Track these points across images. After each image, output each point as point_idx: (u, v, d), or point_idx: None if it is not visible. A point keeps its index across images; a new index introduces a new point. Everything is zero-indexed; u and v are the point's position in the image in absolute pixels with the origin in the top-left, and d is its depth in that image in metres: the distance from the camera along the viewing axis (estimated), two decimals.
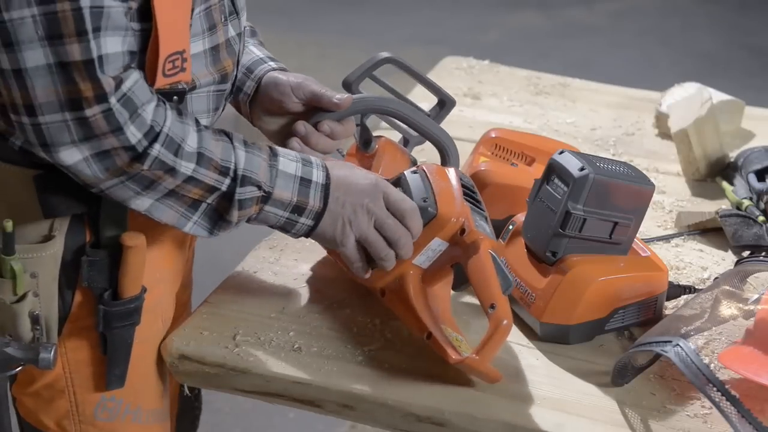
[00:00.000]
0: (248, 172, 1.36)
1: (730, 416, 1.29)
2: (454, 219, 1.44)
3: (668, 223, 1.83)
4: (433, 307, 1.46)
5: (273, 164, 1.38)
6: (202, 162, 1.33)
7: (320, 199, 1.40)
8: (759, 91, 3.39)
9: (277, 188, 1.38)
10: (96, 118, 1.26)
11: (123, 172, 1.30)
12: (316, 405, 1.45)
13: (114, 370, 1.44)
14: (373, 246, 1.43)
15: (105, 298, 1.40)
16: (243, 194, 1.36)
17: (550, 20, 5.42)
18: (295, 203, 1.39)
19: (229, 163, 1.35)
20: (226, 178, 1.35)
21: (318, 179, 1.41)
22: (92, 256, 1.39)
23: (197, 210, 1.36)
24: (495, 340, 1.37)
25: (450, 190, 1.46)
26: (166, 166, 1.31)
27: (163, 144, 1.30)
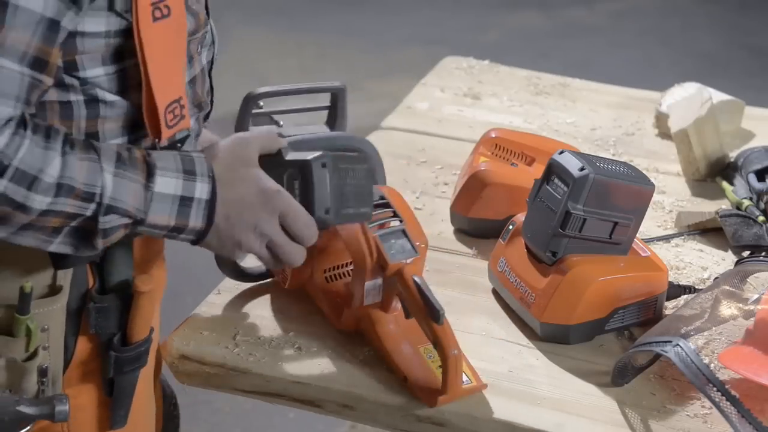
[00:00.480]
0: (114, 201, 1.22)
1: (730, 416, 1.29)
2: (368, 260, 1.43)
3: (668, 223, 1.83)
4: (404, 341, 1.46)
5: (149, 186, 1.24)
6: (61, 192, 1.19)
7: (202, 218, 1.28)
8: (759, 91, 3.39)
9: (151, 213, 1.25)
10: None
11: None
12: (316, 405, 1.45)
13: (119, 410, 1.39)
14: (265, 261, 1.36)
15: (115, 343, 1.34)
16: (107, 223, 1.23)
17: (550, 20, 5.41)
18: (173, 226, 1.27)
19: (95, 188, 1.21)
20: (91, 204, 1.21)
21: (201, 195, 1.27)
22: (100, 302, 1.32)
23: (59, 234, 1.23)
24: (453, 373, 1.37)
25: (353, 228, 1.43)
26: (15, 202, 1.17)
27: (12, 179, 1.16)
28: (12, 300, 1.27)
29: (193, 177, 1.27)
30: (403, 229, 1.45)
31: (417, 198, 1.87)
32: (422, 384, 1.41)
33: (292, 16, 5.23)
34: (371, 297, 1.46)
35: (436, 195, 1.89)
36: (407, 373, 1.42)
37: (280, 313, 1.56)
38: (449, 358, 1.36)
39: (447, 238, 1.76)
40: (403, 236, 1.44)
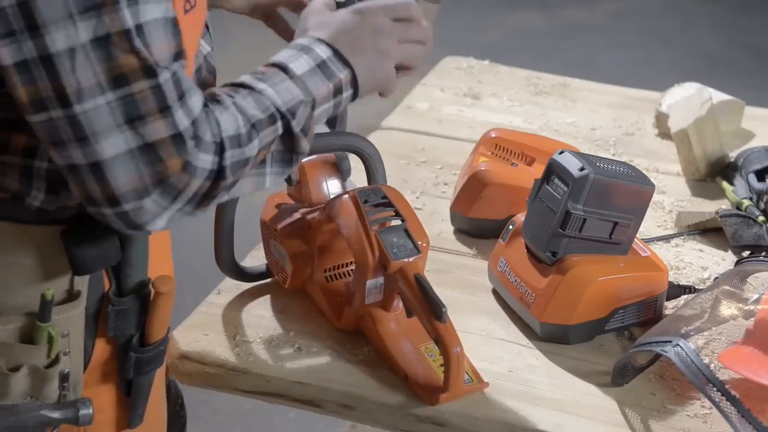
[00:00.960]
0: (288, 103, 1.28)
1: (730, 416, 1.29)
2: (370, 258, 1.43)
3: (668, 223, 1.83)
4: (405, 340, 1.46)
5: (293, 75, 1.30)
6: (255, 130, 1.25)
7: (342, 66, 1.33)
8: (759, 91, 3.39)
9: (313, 90, 1.30)
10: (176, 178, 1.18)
11: (212, 198, 1.22)
12: (316, 405, 1.45)
13: (137, 410, 1.39)
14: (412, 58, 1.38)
15: (134, 344, 1.34)
16: (300, 122, 1.29)
17: (550, 20, 5.41)
18: (333, 88, 1.32)
19: (270, 109, 1.27)
20: (278, 122, 1.27)
21: (326, 54, 1.33)
22: (118, 305, 1.31)
23: (266, 164, 1.29)
24: (455, 371, 1.37)
25: (356, 227, 1.44)
26: (242, 162, 1.23)
27: (230, 146, 1.22)
28: (32, 307, 1.26)
29: (307, 49, 1.33)
30: (404, 228, 1.45)
31: (417, 198, 1.87)
32: (423, 382, 1.41)
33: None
34: (373, 296, 1.46)
35: (436, 195, 1.89)
36: (408, 371, 1.42)
37: (280, 313, 1.56)
38: (451, 356, 1.36)
39: (447, 238, 1.76)
40: (405, 235, 1.44)
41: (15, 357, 1.27)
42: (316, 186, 1.56)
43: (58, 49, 1.10)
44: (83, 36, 1.10)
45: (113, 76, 1.12)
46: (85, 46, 1.10)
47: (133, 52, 1.12)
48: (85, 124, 1.13)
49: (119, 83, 1.12)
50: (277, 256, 1.57)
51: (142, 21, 1.12)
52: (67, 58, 1.10)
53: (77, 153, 1.14)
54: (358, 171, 1.63)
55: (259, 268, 1.62)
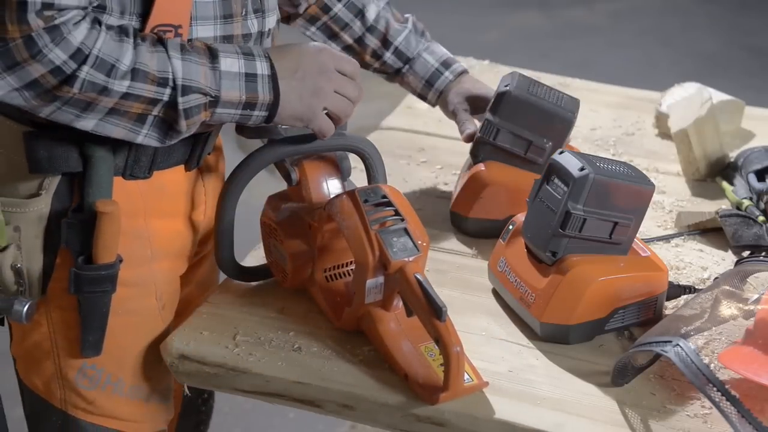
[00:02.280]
0: (188, 81, 1.34)
1: (730, 416, 1.29)
2: (370, 258, 1.43)
3: (668, 223, 1.83)
4: (405, 339, 1.46)
5: (215, 66, 1.36)
6: (137, 77, 1.32)
7: (269, 90, 1.39)
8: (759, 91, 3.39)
9: (223, 90, 1.37)
10: (16, 44, 1.25)
11: (55, 97, 1.30)
12: (316, 405, 1.45)
13: (88, 336, 1.46)
14: (340, 109, 1.44)
15: (78, 261, 1.42)
16: (187, 103, 1.35)
17: (550, 20, 5.42)
18: (245, 101, 1.38)
19: (167, 74, 1.33)
20: (166, 89, 1.33)
21: (263, 71, 1.39)
22: (71, 219, 1.41)
23: (144, 123, 1.35)
24: (455, 370, 1.37)
25: (356, 226, 1.44)
26: (98, 86, 1.30)
27: (93, 65, 1.29)
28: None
29: (252, 57, 1.39)
30: (404, 228, 1.45)
31: (417, 198, 1.87)
32: (423, 382, 1.41)
33: None
34: (373, 295, 1.46)
35: (436, 195, 1.89)
36: (408, 371, 1.42)
37: (280, 313, 1.56)
38: (451, 355, 1.36)
39: (447, 238, 1.76)
40: (405, 234, 1.44)
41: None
42: (316, 186, 1.56)
43: None
44: None
45: None
46: None
47: None
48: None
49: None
50: (277, 255, 1.57)
51: None
52: None
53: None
54: (358, 171, 1.63)
55: (259, 268, 1.62)
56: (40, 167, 1.40)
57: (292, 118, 1.42)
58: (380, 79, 1.91)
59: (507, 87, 1.70)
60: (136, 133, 1.36)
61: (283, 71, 1.39)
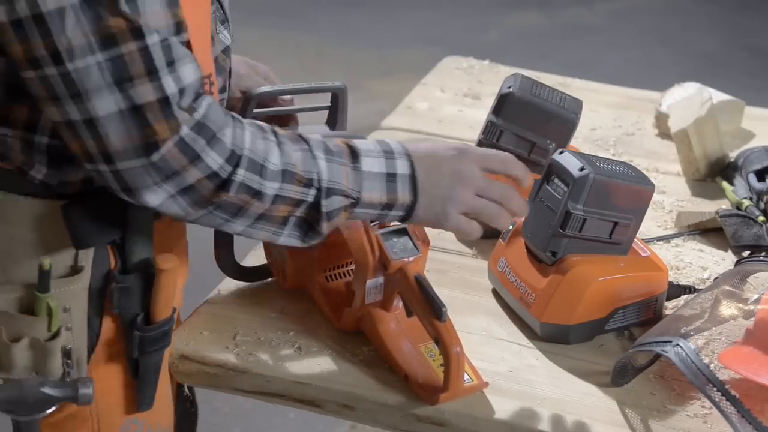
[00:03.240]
0: (332, 183, 1.30)
1: (730, 416, 1.29)
2: (370, 258, 1.43)
3: (668, 223, 1.83)
4: (405, 340, 1.46)
5: (356, 167, 1.32)
6: (286, 179, 1.28)
7: (409, 191, 1.34)
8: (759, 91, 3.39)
9: (364, 192, 1.32)
10: (171, 153, 1.21)
11: (209, 203, 1.25)
12: (316, 405, 1.45)
13: (145, 392, 1.41)
14: (481, 214, 1.38)
15: (138, 323, 1.36)
16: (330, 205, 1.31)
17: (550, 20, 5.42)
18: (386, 202, 1.34)
19: (312, 174, 1.29)
20: (311, 189, 1.29)
21: (403, 170, 1.34)
22: (122, 282, 1.34)
23: (287, 224, 1.31)
24: (455, 371, 1.37)
25: (356, 227, 1.44)
26: (252, 190, 1.26)
27: (247, 168, 1.25)
28: (33, 279, 1.30)
29: (392, 155, 1.34)
30: (404, 228, 1.45)
31: None
32: (423, 382, 1.41)
33: (292, 16, 5.24)
34: (373, 296, 1.46)
35: None
36: (408, 371, 1.42)
37: (280, 313, 1.56)
38: (451, 356, 1.36)
39: (447, 238, 1.76)
40: (405, 234, 1.44)
41: (16, 327, 1.30)
42: None
43: (49, 9, 1.14)
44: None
45: (102, 36, 1.16)
46: (74, 6, 1.14)
47: (120, 15, 1.15)
48: (77, 82, 1.17)
49: (108, 44, 1.16)
50: (277, 255, 1.57)
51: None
52: (57, 17, 1.14)
53: (72, 109, 1.19)
54: None
55: (259, 268, 1.62)
56: (87, 241, 1.31)
57: (426, 220, 1.37)
58: (380, 79, 1.90)
59: (510, 88, 1.70)
60: (278, 235, 1.32)
61: (421, 172, 1.34)
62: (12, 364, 1.31)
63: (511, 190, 1.38)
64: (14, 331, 1.30)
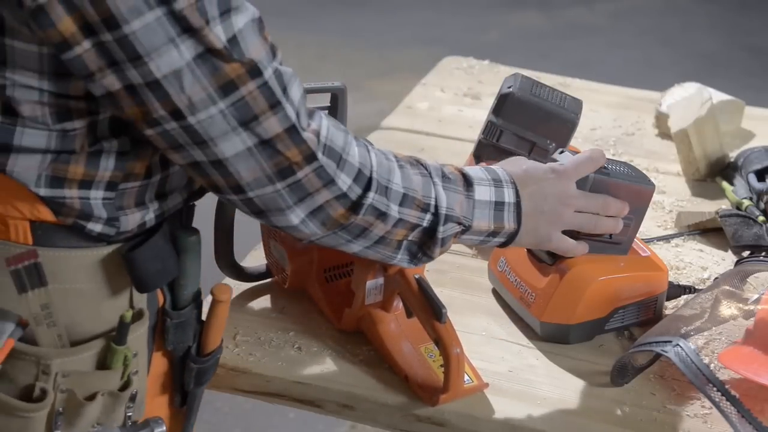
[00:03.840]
0: (450, 211, 1.32)
1: (730, 416, 1.29)
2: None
3: (668, 223, 1.83)
4: (405, 341, 1.46)
5: (470, 195, 1.35)
6: (406, 203, 1.29)
7: (514, 220, 1.38)
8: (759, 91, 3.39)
9: (475, 220, 1.35)
10: (309, 177, 1.21)
11: (338, 224, 1.25)
12: (316, 405, 1.45)
13: (190, 420, 1.41)
14: (582, 228, 1.43)
15: (193, 355, 1.34)
16: (445, 232, 1.32)
17: (550, 20, 5.42)
18: (492, 230, 1.37)
19: (430, 199, 1.31)
20: (427, 214, 1.31)
21: (510, 199, 1.37)
22: (176, 318, 1.32)
23: (401, 248, 1.33)
24: (455, 372, 1.37)
25: None
26: (379, 211, 1.27)
27: (377, 190, 1.26)
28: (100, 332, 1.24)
29: (500, 184, 1.37)
30: None
31: None
32: (423, 383, 1.41)
33: (292, 16, 5.24)
34: (373, 296, 1.46)
35: None
36: (408, 372, 1.42)
37: (280, 313, 1.56)
38: (451, 357, 1.36)
39: None
40: None
41: (91, 384, 1.24)
42: None
43: (164, 73, 1.11)
44: (186, 56, 1.11)
45: (221, 85, 1.14)
46: (189, 64, 1.11)
47: (234, 61, 1.13)
48: (201, 132, 1.15)
49: (228, 91, 1.14)
50: (277, 256, 1.57)
51: (236, 31, 1.13)
52: (174, 79, 1.11)
53: (197, 153, 1.17)
54: None
55: (259, 268, 1.62)
56: (151, 283, 1.26)
57: (527, 243, 1.42)
58: (380, 79, 1.90)
59: (510, 88, 1.70)
60: (391, 259, 1.34)
61: (526, 198, 1.38)
62: (79, 421, 1.25)
63: (606, 199, 1.43)
64: (89, 389, 1.24)
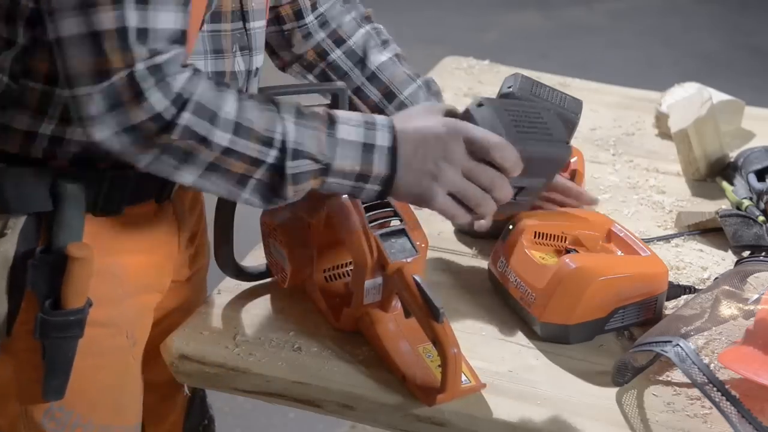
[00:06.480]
0: (299, 146, 1.26)
1: (730, 416, 1.29)
2: (368, 258, 1.43)
3: (668, 223, 1.83)
4: (403, 341, 1.46)
5: (331, 133, 1.28)
6: (240, 132, 1.24)
7: (386, 164, 1.30)
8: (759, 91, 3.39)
9: (337, 159, 1.28)
10: (119, 83, 1.20)
11: (154, 145, 1.23)
12: (316, 405, 1.45)
13: (51, 380, 1.38)
14: (466, 196, 1.32)
15: (45, 306, 1.35)
16: (296, 168, 1.27)
17: (550, 20, 5.42)
18: (358, 171, 1.30)
19: (274, 134, 1.26)
20: (272, 150, 1.26)
21: (383, 142, 1.30)
22: (38, 261, 1.34)
23: (246, 186, 1.28)
24: (452, 372, 1.37)
25: (354, 227, 1.43)
26: (198, 135, 1.23)
27: (194, 112, 1.22)
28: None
29: (373, 126, 1.31)
30: (403, 229, 1.45)
31: None
32: (421, 383, 1.41)
33: None
34: (371, 296, 1.46)
35: None
36: (406, 372, 1.42)
37: (280, 313, 1.56)
38: (449, 357, 1.36)
39: (447, 238, 1.76)
40: (404, 235, 1.44)
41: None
42: None
43: None
44: None
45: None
46: None
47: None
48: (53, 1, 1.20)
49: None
50: (277, 255, 1.57)
51: None
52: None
53: (50, 27, 1.22)
54: None
55: (259, 268, 1.62)
56: (7, 207, 1.33)
57: (408, 196, 1.33)
58: None
59: (510, 88, 1.70)
60: (236, 195, 1.29)
61: (406, 145, 1.30)
62: None
63: (500, 178, 1.33)
64: None
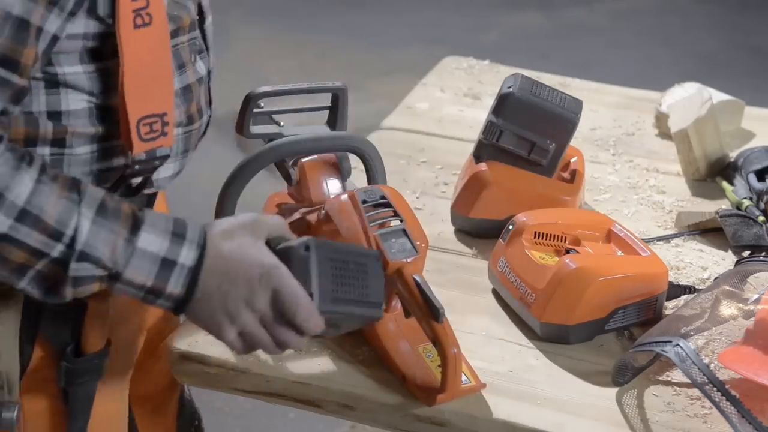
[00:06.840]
0: (90, 249, 1.15)
1: (730, 416, 1.29)
2: None
3: (668, 223, 1.83)
4: (403, 340, 1.45)
5: (130, 239, 1.17)
6: (25, 220, 1.13)
7: (183, 285, 1.19)
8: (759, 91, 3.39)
9: (129, 269, 1.17)
10: None
11: None
12: (316, 405, 1.45)
13: (76, 422, 1.37)
14: (257, 343, 1.25)
15: (67, 353, 1.31)
16: (79, 270, 1.16)
17: (550, 20, 5.42)
18: (150, 286, 1.19)
19: (66, 228, 1.15)
20: (59, 245, 1.15)
21: (185, 260, 1.19)
22: (54, 309, 1.27)
23: (24, 275, 1.16)
24: (452, 372, 1.37)
25: (354, 227, 1.43)
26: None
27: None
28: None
29: (181, 240, 1.19)
30: (403, 229, 1.45)
31: (417, 198, 1.87)
32: (421, 383, 1.41)
33: (293, 16, 5.23)
34: None
35: (436, 195, 1.89)
36: (406, 372, 1.42)
37: None
38: (448, 357, 1.36)
39: (447, 238, 1.76)
40: (404, 235, 1.44)
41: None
42: (316, 186, 1.56)
43: None
44: None
45: None
46: None
47: None
48: None
49: None
50: None
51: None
52: None
53: None
54: (358, 171, 1.63)
55: None
56: None
57: (199, 322, 1.24)
58: (380, 79, 1.90)
59: (510, 88, 1.71)
60: (12, 282, 1.18)
61: (212, 276, 1.20)
62: None
63: (295, 337, 1.26)
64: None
